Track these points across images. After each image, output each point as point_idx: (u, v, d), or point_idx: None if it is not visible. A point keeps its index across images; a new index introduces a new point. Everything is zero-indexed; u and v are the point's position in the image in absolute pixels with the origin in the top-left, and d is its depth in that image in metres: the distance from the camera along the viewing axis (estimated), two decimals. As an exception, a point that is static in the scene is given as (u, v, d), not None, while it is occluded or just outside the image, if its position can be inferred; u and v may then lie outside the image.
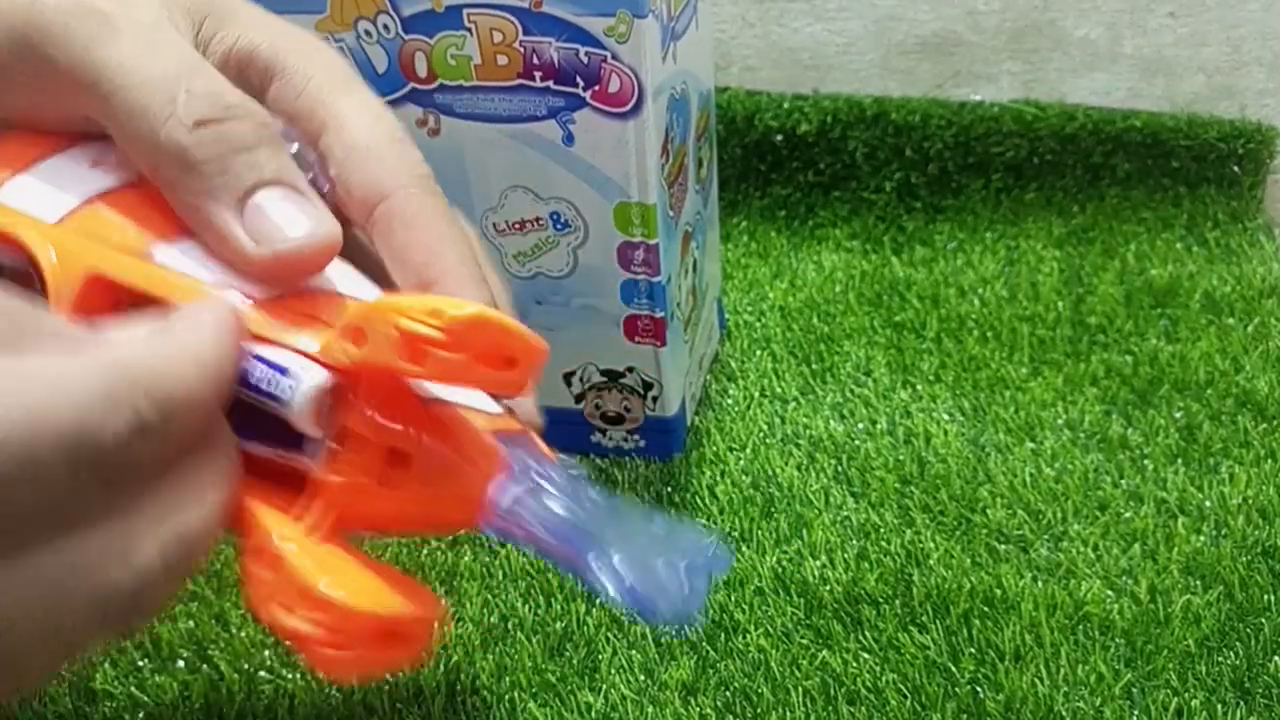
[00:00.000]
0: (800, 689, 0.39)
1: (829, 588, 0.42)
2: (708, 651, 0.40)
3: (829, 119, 0.64)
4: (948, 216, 0.65)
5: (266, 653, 0.40)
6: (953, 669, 0.39)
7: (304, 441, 0.24)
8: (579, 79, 0.39)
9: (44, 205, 0.25)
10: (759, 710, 0.38)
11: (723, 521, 0.45)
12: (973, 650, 0.40)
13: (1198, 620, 0.41)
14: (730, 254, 0.63)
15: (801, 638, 0.41)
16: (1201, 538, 0.44)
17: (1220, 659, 0.39)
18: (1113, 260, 0.61)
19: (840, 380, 0.53)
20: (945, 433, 0.49)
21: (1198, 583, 0.42)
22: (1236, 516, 0.45)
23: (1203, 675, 0.39)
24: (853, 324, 0.57)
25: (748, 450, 0.49)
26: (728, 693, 0.39)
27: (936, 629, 0.41)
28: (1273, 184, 0.66)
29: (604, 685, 0.39)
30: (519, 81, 0.39)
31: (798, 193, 0.66)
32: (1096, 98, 0.68)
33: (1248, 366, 0.53)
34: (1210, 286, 0.58)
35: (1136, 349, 0.54)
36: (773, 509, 0.46)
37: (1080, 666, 0.39)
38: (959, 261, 0.61)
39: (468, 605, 0.42)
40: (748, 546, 0.44)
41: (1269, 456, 0.48)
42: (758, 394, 0.52)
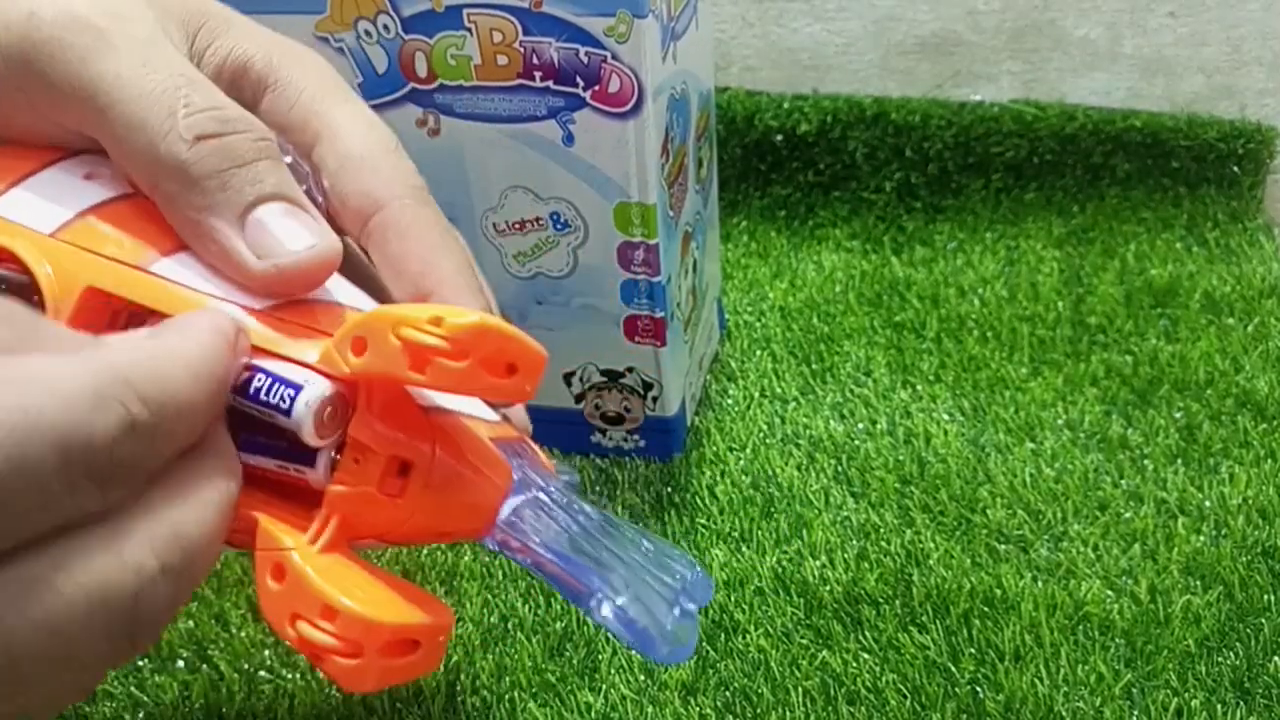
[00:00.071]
0: (800, 689, 0.39)
1: (829, 588, 0.42)
2: (708, 651, 0.40)
3: (829, 119, 0.64)
4: (948, 216, 0.65)
5: (266, 653, 0.40)
6: (953, 669, 0.39)
7: (311, 454, 0.24)
8: (579, 79, 0.39)
9: (38, 219, 0.25)
10: (759, 710, 0.38)
11: (723, 521, 0.45)
12: (973, 650, 0.40)
13: (1198, 620, 0.41)
14: (730, 254, 0.63)
15: (801, 638, 0.41)
16: (1201, 538, 0.44)
17: (1220, 659, 0.39)
18: (1113, 260, 0.61)
19: (840, 380, 0.53)
20: (945, 433, 0.49)
21: (1198, 583, 0.42)
22: (1236, 516, 0.45)
23: (1203, 675, 0.39)
24: (853, 324, 0.57)
25: (748, 450, 0.49)
26: (728, 693, 0.39)
27: (936, 629, 0.41)
28: (1273, 184, 0.66)
29: (604, 685, 0.39)
30: (519, 81, 0.39)
31: (798, 193, 0.66)
32: (1096, 98, 0.68)
33: (1248, 366, 0.53)
34: (1210, 286, 0.58)
35: (1136, 349, 0.54)
36: (773, 509, 0.46)
37: (1080, 666, 0.39)
38: (959, 261, 0.61)
39: (468, 605, 0.42)
40: (748, 546, 0.44)
41: (1269, 456, 0.48)
42: (758, 394, 0.52)
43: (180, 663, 0.40)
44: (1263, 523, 0.44)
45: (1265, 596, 0.41)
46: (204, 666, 0.40)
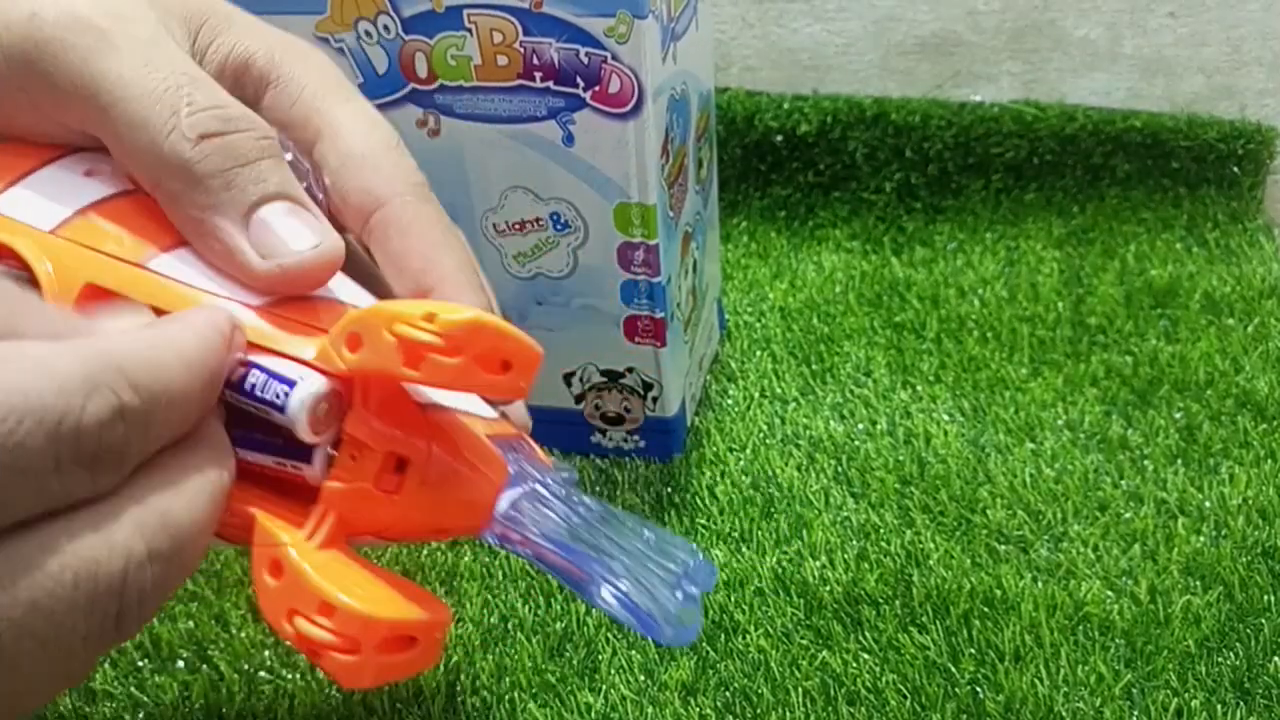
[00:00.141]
0: (800, 689, 0.39)
1: (829, 588, 0.42)
2: (707, 652, 0.40)
3: (829, 119, 0.64)
4: (948, 217, 0.65)
5: (266, 653, 0.40)
6: (953, 669, 0.39)
7: (307, 451, 0.24)
8: (579, 79, 0.39)
9: (39, 215, 0.25)
10: (759, 711, 0.38)
11: (723, 522, 0.45)
12: (973, 651, 0.40)
13: (1198, 621, 0.41)
14: (730, 254, 0.63)
15: (801, 638, 0.41)
16: (1201, 538, 0.44)
17: (1220, 659, 0.39)
18: (1113, 260, 0.61)
19: (840, 381, 0.53)
20: (945, 433, 0.49)
21: (1198, 583, 0.42)
22: (1236, 517, 0.45)
23: (1203, 675, 0.39)
24: (853, 324, 0.57)
25: (748, 451, 0.49)
26: (728, 693, 0.39)
27: (936, 629, 0.41)
28: (1273, 184, 0.66)
29: (604, 685, 0.39)
30: (519, 82, 0.39)
31: (798, 193, 0.66)
32: (1096, 98, 0.68)
33: (1248, 367, 0.53)
34: (1210, 287, 0.58)
35: (1136, 349, 0.54)
36: (773, 509, 0.46)
37: (1080, 667, 0.39)
38: (959, 262, 0.61)
39: (468, 605, 0.42)
40: (748, 547, 0.44)
41: (1269, 457, 0.48)
42: (758, 394, 0.52)
43: (180, 663, 0.40)
44: (1263, 523, 0.44)
45: (1265, 597, 0.41)
46: (204, 666, 0.40)
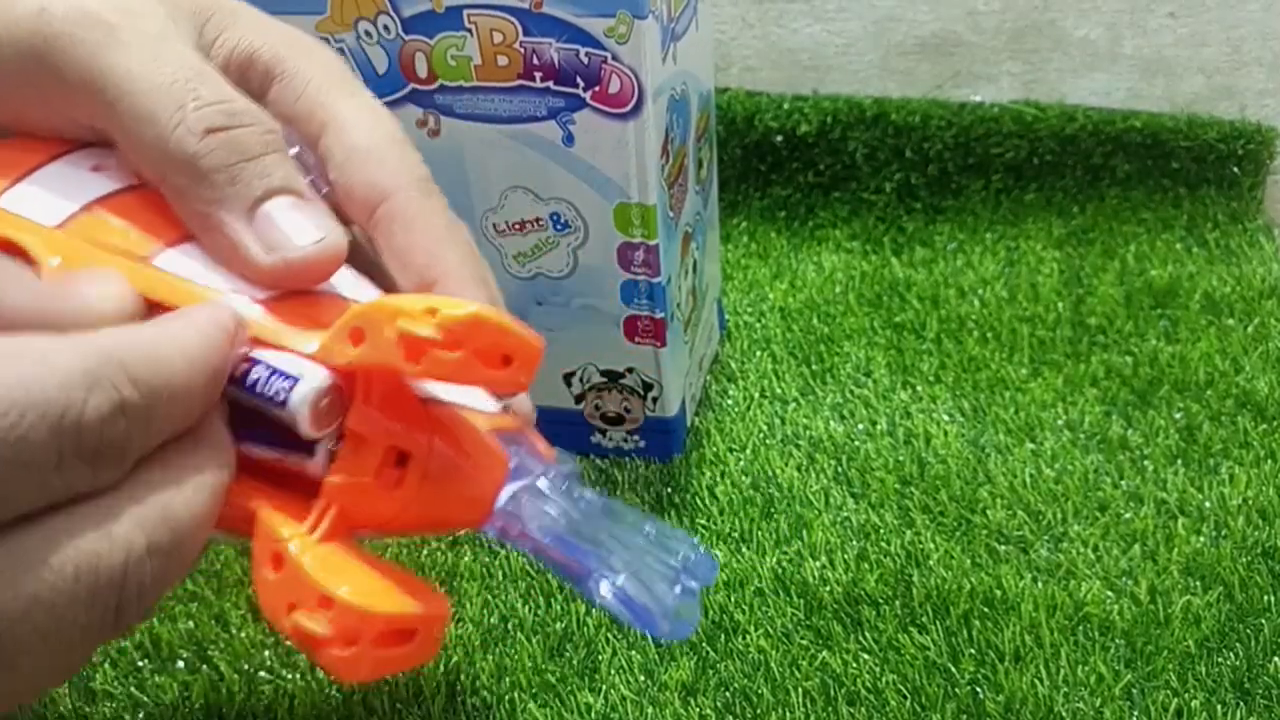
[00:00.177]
0: (800, 690, 0.39)
1: (829, 588, 0.42)
2: (708, 652, 0.40)
3: (829, 120, 0.64)
4: (948, 217, 0.65)
5: (266, 653, 0.40)
6: (953, 670, 0.39)
7: (309, 445, 0.24)
8: (579, 79, 0.39)
9: (45, 211, 0.25)
10: (759, 711, 0.38)
11: (723, 522, 0.45)
12: (973, 651, 0.40)
13: (1198, 621, 0.41)
14: (730, 254, 0.63)
15: (801, 638, 0.41)
16: (1201, 538, 0.44)
17: (1220, 659, 0.39)
18: (1113, 261, 0.61)
19: (840, 381, 0.53)
20: (945, 433, 0.49)
21: (1198, 583, 0.42)
22: (1236, 517, 0.45)
23: (1203, 676, 0.39)
24: (853, 325, 0.57)
25: (748, 451, 0.49)
26: (728, 693, 0.39)
27: (936, 629, 0.41)
28: (1273, 184, 0.66)
29: (604, 686, 0.39)
30: (519, 82, 0.39)
31: (798, 193, 0.66)
32: (1096, 98, 0.68)
33: (1248, 367, 0.53)
34: (1210, 287, 0.58)
35: (1136, 349, 0.54)
36: (773, 509, 0.46)
37: (1080, 667, 0.39)
38: (959, 262, 0.61)
39: (468, 605, 0.42)
40: (747, 547, 0.44)
41: (1269, 457, 0.48)
42: (758, 395, 0.52)
43: (180, 663, 0.40)
44: (1263, 523, 0.44)
45: (1265, 597, 0.41)
46: (204, 667, 0.40)
